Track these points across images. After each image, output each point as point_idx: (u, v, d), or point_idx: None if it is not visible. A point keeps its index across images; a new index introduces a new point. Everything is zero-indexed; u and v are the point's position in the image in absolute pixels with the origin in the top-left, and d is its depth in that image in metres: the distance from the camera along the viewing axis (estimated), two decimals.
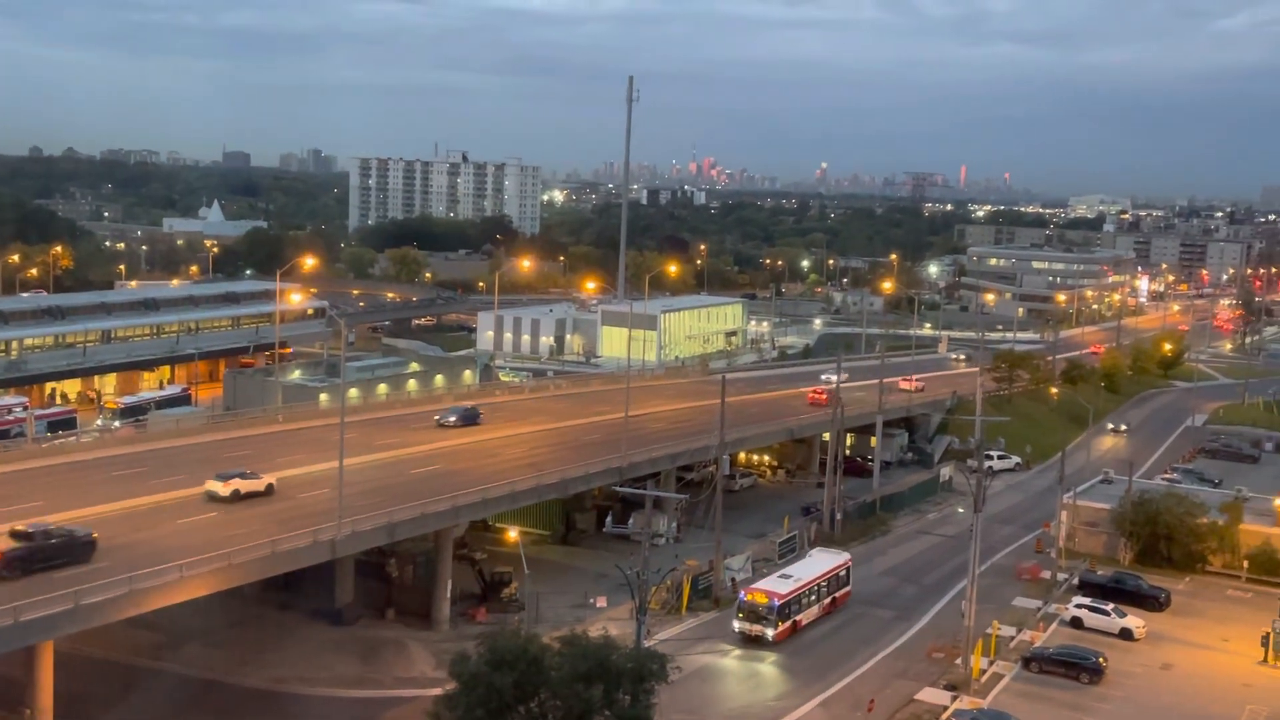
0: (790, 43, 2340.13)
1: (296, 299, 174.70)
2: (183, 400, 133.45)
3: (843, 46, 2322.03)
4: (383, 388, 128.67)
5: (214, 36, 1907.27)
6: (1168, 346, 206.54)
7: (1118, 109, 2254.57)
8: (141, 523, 69.49)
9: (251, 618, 76.35)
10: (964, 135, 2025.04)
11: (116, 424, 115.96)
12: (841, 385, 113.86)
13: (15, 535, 60.74)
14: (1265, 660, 77.08)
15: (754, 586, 79.43)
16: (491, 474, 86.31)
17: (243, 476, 76.33)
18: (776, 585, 79.02)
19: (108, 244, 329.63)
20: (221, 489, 74.72)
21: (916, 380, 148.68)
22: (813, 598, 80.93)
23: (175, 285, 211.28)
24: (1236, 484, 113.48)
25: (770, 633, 76.34)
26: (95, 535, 63.29)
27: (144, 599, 58.72)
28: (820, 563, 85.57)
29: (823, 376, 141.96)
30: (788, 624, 77.71)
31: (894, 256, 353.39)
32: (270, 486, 77.22)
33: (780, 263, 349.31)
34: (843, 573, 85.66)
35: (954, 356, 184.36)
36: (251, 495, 75.65)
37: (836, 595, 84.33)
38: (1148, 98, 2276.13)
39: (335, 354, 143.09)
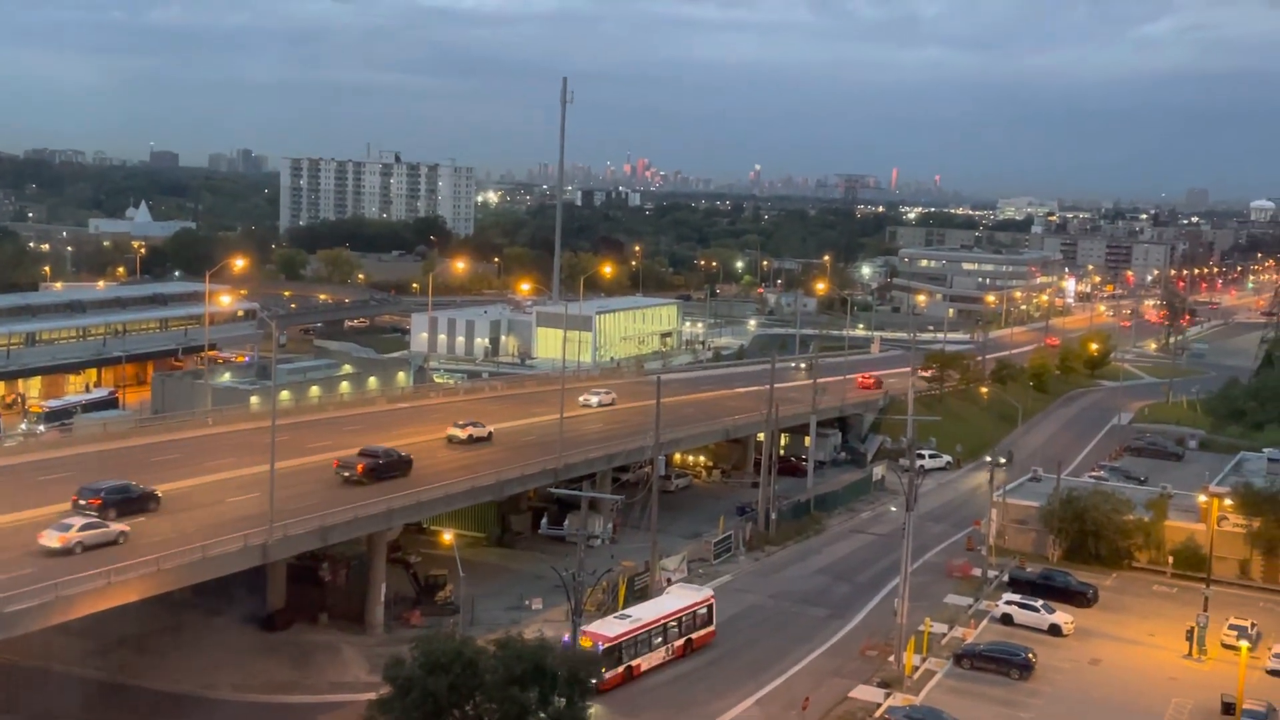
0: (723, 45, 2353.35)
1: (226, 301, 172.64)
2: (109, 403, 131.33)
3: (775, 49, 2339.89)
4: (315, 390, 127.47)
5: (140, 34, 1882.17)
6: (1094, 346, 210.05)
7: (1045, 112, 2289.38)
8: None
9: (182, 623, 75.22)
10: (895, 138, 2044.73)
11: (41, 428, 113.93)
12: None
13: (364, 454, 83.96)
14: (1190, 654, 78.55)
15: (582, 629, 68.26)
16: (426, 476, 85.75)
17: (474, 425, 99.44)
18: (607, 627, 70.88)
19: (32, 245, 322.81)
20: (461, 434, 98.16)
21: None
22: (657, 640, 72.79)
23: (102, 287, 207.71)
24: (1161, 481, 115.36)
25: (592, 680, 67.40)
26: (411, 457, 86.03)
27: (71, 605, 57.73)
28: (674, 600, 77.08)
29: (580, 399, 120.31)
30: (619, 670, 69.36)
31: (827, 258, 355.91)
32: (490, 434, 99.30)
33: (715, 264, 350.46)
34: (702, 610, 77.02)
35: (795, 365, 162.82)
36: (479, 440, 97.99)
37: (693, 637, 75.69)
38: (1074, 101, 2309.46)
39: (266, 356, 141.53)
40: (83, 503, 69.95)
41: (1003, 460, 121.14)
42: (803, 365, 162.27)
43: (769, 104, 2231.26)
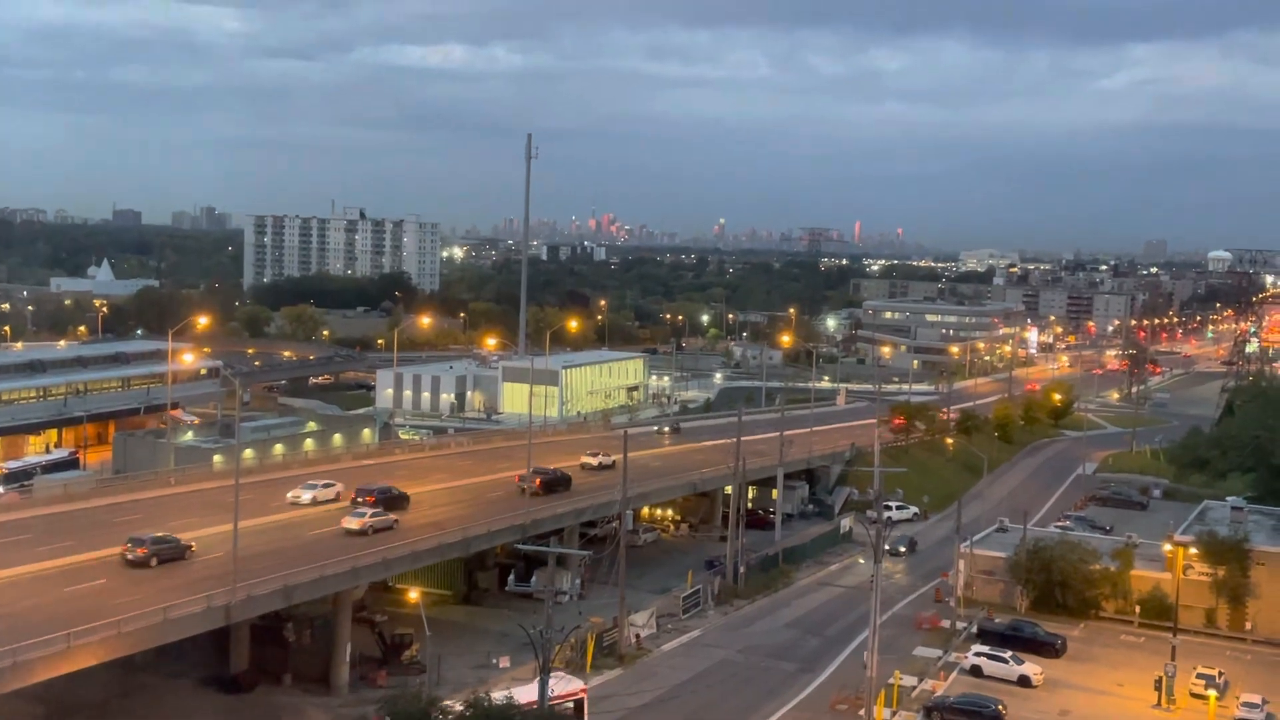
0: (687, 100, 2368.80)
1: (189, 359, 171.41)
2: (70, 464, 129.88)
3: (738, 104, 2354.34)
4: (279, 448, 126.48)
5: (103, 92, 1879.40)
6: (1058, 396, 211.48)
7: (1005, 165, 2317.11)
8: (30, 590, 67.26)
9: (143, 687, 73.98)
10: (858, 191, 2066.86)
11: (0, 490, 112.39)
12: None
13: (537, 472, 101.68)
14: (1159, 704, 78.57)
15: None
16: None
17: (603, 455, 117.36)
18: None
19: None
20: (593, 461, 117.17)
21: None
22: None
23: (63, 346, 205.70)
24: (1127, 530, 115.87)
25: None
26: (570, 476, 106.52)
27: (30, 670, 56.68)
28: (532, 693, 61.34)
29: (289, 496, 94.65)
30: None
31: (792, 310, 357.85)
32: (615, 462, 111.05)
33: (680, 318, 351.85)
34: (567, 705, 66.10)
35: (658, 430, 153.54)
36: (606, 467, 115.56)
37: None
38: (1033, 155, 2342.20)
39: (229, 414, 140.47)
40: (360, 500, 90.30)
41: (902, 549, 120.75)
42: (666, 429, 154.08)
43: (732, 159, 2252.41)
